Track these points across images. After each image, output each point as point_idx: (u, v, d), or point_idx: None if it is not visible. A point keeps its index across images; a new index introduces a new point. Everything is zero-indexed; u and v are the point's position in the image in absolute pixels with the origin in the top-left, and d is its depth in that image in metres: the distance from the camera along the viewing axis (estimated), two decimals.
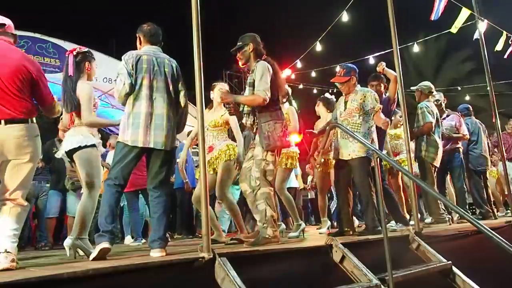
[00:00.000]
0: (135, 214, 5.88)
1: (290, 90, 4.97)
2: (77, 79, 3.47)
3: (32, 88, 2.80)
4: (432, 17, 6.04)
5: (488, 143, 6.84)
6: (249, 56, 3.78)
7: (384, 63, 5.02)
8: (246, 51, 3.78)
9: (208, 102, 4.46)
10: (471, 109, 6.83)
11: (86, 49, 3.63)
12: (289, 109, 4.90)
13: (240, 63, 3.94)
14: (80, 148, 3.39)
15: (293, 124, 4.76)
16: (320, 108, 5.56)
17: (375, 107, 4.25)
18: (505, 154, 6.47)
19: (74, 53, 3.52)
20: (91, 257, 2.83)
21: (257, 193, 3.57)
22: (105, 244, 2.82)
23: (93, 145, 3.44)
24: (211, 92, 4.43)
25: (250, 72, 3.79)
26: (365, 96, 4.28)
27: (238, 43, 3.82)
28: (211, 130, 4.33)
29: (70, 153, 3.45)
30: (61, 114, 3.49)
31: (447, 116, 6.28)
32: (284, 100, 4.46)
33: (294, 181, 7.81)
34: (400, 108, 4.66)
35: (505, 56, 6.95)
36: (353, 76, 4.40)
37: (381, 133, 4.77)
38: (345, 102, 4.38)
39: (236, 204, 4.34)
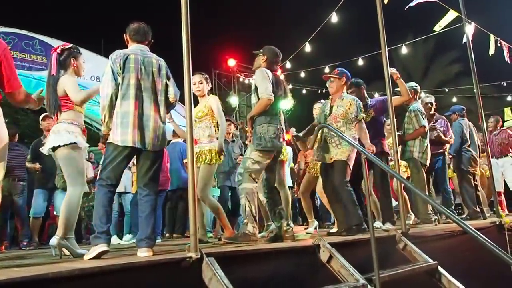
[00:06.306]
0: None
1: None
2: (60, 76, 3.35)
3: None
4: (409, 5, 6.02)
5: (479, 144, 6.91)
6: (259, 65, 3.95)
7: (398, 73, 4.98)
8: (259, 59, 3.97)
9: (197, 101, 4.44)
10: (465, 110, 6.91)
11: (70, 45, 3.49)
12: None
13: (253, 68, 4.10)
14: (59, 146, 3.27)
15: None
16: None
17: (358, 116, 4.33)
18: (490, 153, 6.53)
19: (58, 50, 3.41)
20: (87, 257, 2.79)
21: (239, 188, 3.77)
22: (103, 247, 2.80)
23: (73, 143, 3.29)
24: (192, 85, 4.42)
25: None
26: (350, 104, 4.35)
27: (260, 50, 4.00)
28: (198, 122, 4.33)
29: (53, 151, 3.36)
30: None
31: (436, 120, 6.32)
32: None
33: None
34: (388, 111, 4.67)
35: (508, 60, 6.90)
36: (344, 78, 4.49)
37: (379, 137, 4.83)
38: (331, 107, 4.44)
39: (218, 203, 4.33)
